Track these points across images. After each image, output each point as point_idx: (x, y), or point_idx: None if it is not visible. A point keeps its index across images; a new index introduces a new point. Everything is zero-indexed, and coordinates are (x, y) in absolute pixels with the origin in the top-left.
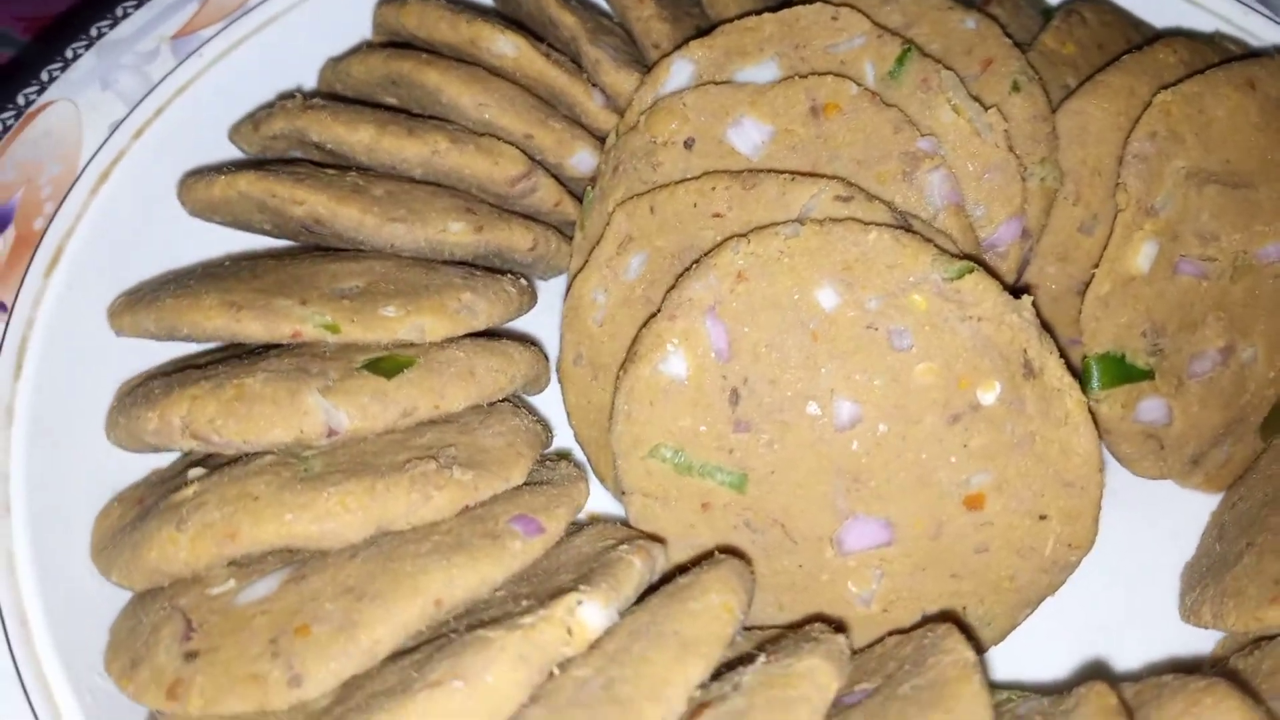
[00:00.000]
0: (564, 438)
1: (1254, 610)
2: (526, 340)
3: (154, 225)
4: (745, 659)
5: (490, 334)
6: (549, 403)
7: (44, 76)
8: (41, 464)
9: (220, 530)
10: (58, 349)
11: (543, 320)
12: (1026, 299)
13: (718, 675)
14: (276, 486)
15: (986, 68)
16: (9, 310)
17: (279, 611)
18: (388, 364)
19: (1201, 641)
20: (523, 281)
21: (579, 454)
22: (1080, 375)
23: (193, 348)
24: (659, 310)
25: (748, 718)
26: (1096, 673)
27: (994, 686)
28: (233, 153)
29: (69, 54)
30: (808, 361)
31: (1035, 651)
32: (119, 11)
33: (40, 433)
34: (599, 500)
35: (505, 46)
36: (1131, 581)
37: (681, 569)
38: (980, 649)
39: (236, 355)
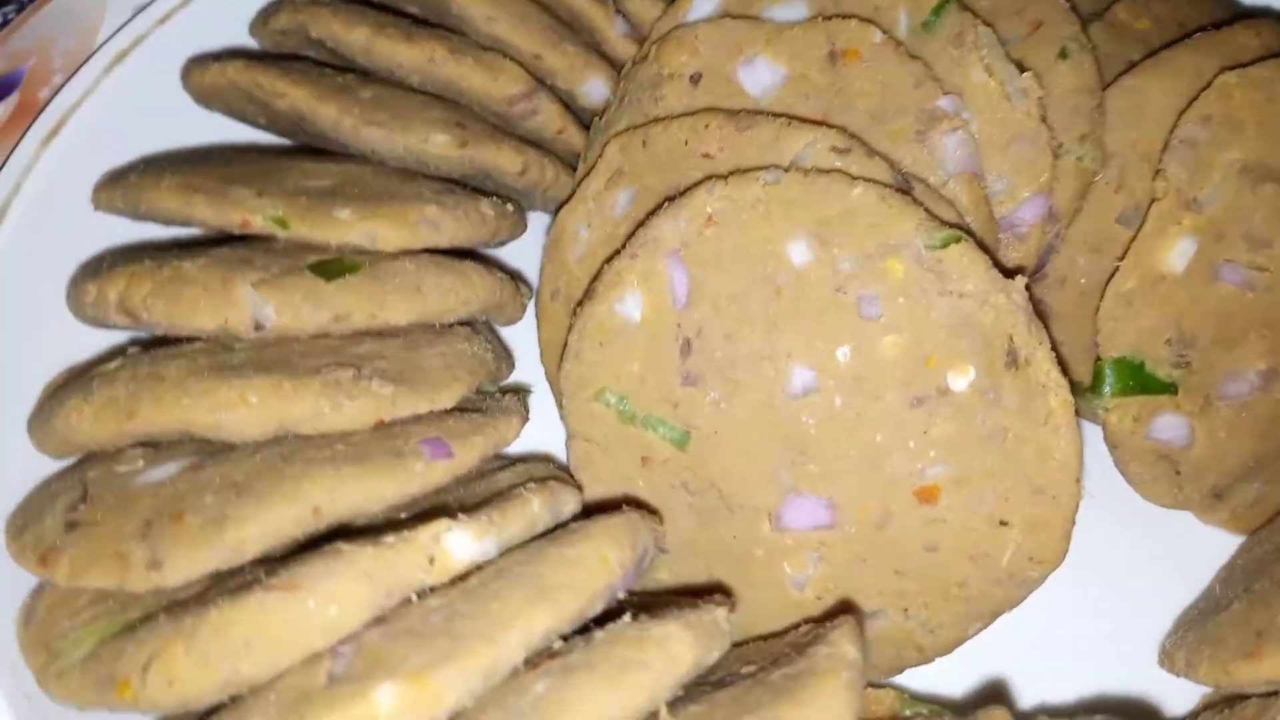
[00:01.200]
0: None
1: (1225, 663)
2: (506, 269)
3: (163, 113)
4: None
5: (476, 258)
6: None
7: None
8: None
9: (121, 407)
10: (38, 219)
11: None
12: (1019, 280)
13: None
14: (187, 372)
15: (1035, 30)
16: None
17: (165, 496)
18: (332, 266)
19: (1178, 692)
20: (507, 207)
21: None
22: (1094, 378)
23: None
24: (623, 247)
25: (578, 674)
26: (998, 696)
27: (915, 699)
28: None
29: None
30: (768, 319)
31: (1003, 670)
32: None
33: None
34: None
35: None
36: (1124, 615)
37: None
38: (923, 657)
39: (208, 244)
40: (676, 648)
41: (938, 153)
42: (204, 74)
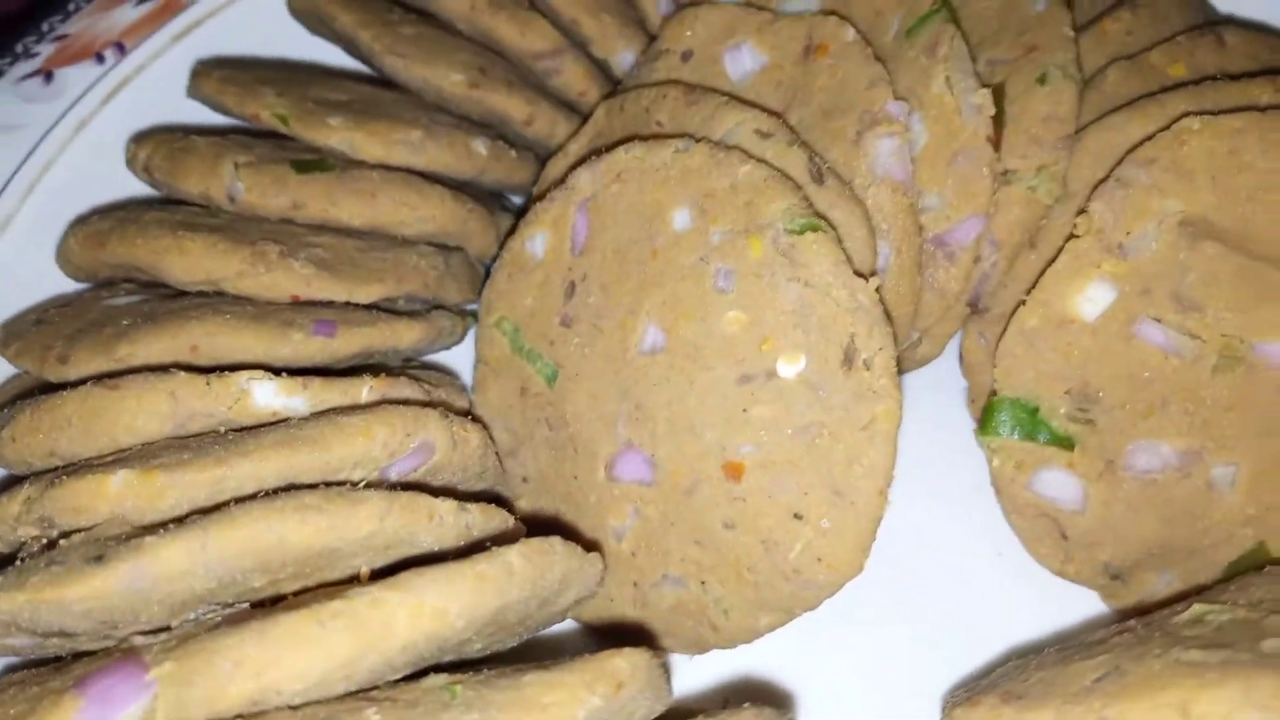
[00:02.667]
0: None
1: (950, 708)
2: (486, 199)
3: (284, 32)
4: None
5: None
6: None
7: None
8: (93, 174)
9: (98, 237)
10: (151, 96)
11: None
12: (872, 281)
13: None
14: (156, 222)
15: (1027, 54)
16: (125, 52)
17: (106, 315)
18: (308, 163)
19: None
20: (510, 151)
21: None
22: (984, 413)
23: None
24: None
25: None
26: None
27: None
28: None
29: None
30: (639, 277)
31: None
32: None
33: (100, 150)
34: None
35: None
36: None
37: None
38: (720, 639)
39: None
40: (363, 509)
41: (869, 155)
42: None
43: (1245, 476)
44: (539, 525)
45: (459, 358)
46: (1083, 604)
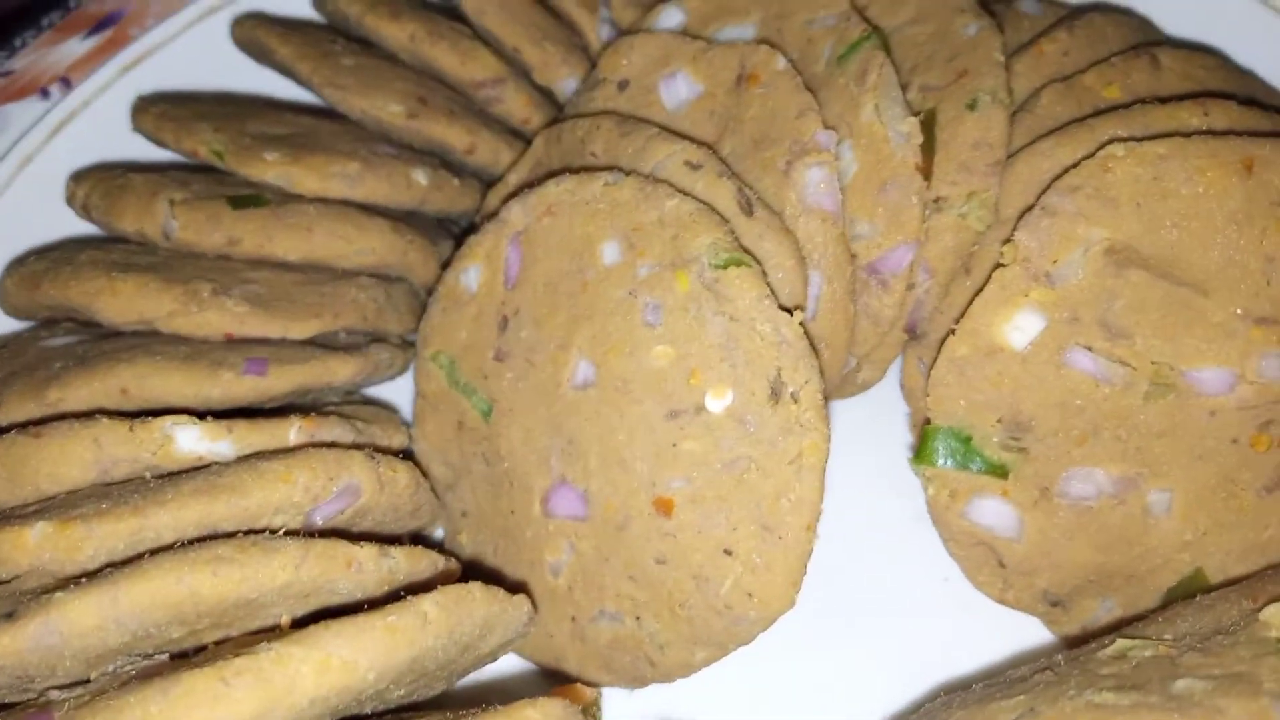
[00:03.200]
0: None
1: None
2: (431, 227)
3: (230, 62)
4: None
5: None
6: None
7: None
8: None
9: (33, 279)
10: (97, 130)
11: None
12: (796, 314)
13: None
14: (91, 262)
15: (958, 79)
16: (71, 87)
17: (40, 357)
18: (244, 199)
19: None
20: (453, 180)
21: None
22: (919, 442)
23: None
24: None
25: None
26: None
27: None
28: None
29: None
30: (570, 310)
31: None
32: None
33: (44, 187)
34: None
35: None
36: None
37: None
38: (658, 674)
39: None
40: (278, 559)
41: (798, 185)
42: (238, 29)
43: (1180, 502)
44: (476, 564)
45: (403, 390)
46: (1030, 632)
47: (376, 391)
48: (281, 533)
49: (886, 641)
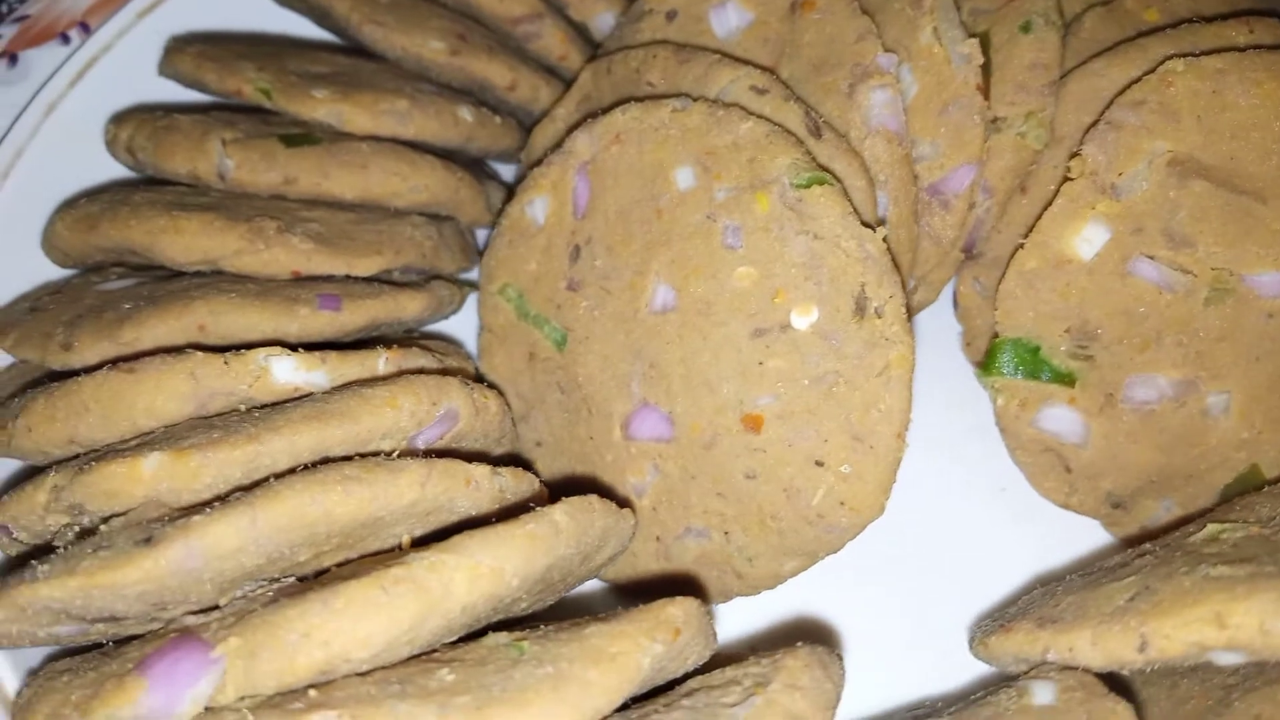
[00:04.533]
0: None
1: (985, 636)
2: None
3: (253, 9)
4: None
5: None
6: None
7: None
8: (66, 157)
9: (89, 220)
10: (119, 76)
11: None
12: (879, 231)
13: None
14: (147, 203)
15: (1009, 2)
16: (90, 32)
17: (104, 300)
18: (296, 137)
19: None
20: (495, 118)
21: None
22: (987, 355)
23: None
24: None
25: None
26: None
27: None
28: None
29: None
30: (645, 237)
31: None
32: None
33: (71, 132)
34: None
35: None
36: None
37: None
38: (745, 586)
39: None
40: (404, 477)
41: (862, 108)
42: None
43: (1238, 403)
44: (558, 488)
45: (454, 327)
46: (1085, 535)
47: (434, 329)
48: (395, 455)
49: (952, 546)
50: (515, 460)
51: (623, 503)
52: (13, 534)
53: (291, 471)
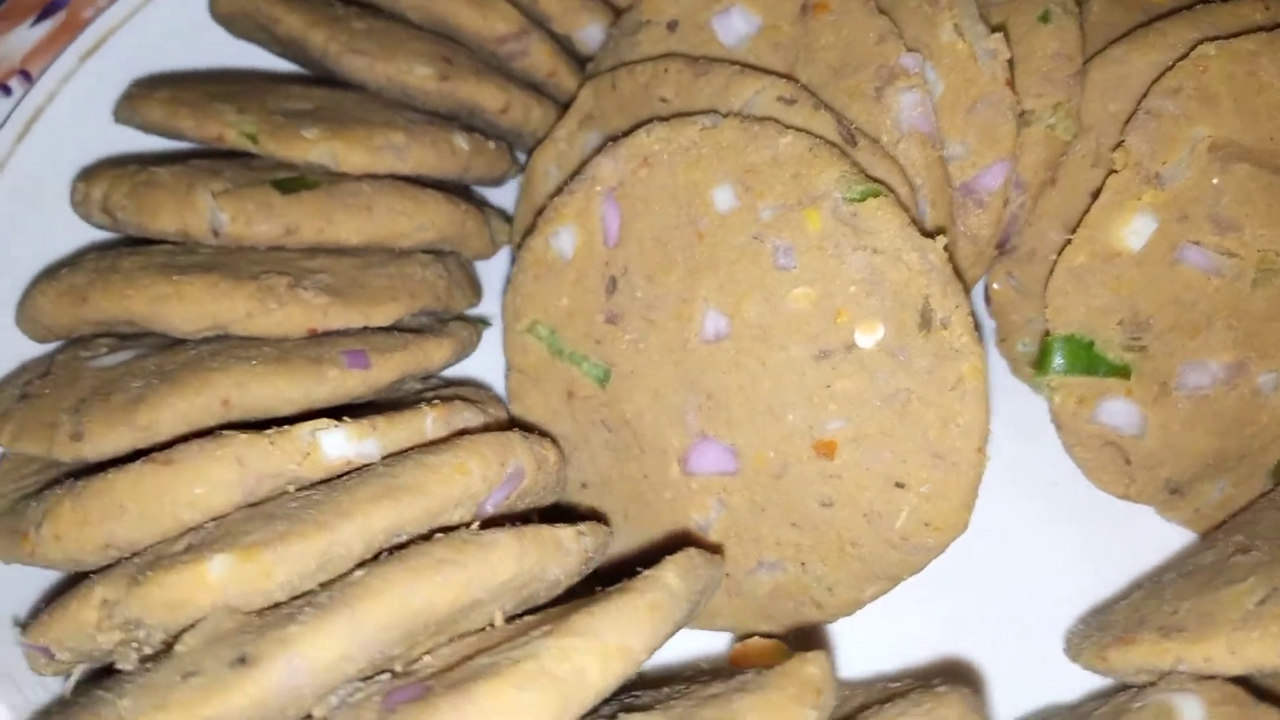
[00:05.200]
0: None
1: (1104, 648)
2: (493, 207)
3: (197, 39)
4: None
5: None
6: None
7: None
8: (17, 219)
9: (78, 293)
10: (68, 126)
11: None
12: (939, 240)
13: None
14: (140, 267)
15: None
16: (32, 81)
17: (104, 379)
18: (291, 182)
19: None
20: (488, 144)
21: None
22: (1040, 354)
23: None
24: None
25: (391, 564)
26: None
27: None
28: None
29: None
30: (688, 263)
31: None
32: None
33: (21, 191)
34: None
35: None
36: (1065, 604)
37: None
38: (823, 615)
39: (203, 157)
40: (498, 553)
41: (892, 111)
42: (225, 1)
43: None
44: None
45: (468, 367)
46: (1137, 527)
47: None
48: (474, 526)
49: (1004, 555)
50: (565, 510)
51: (694, 543)
52: (54, 655)
53: (374, 558)
